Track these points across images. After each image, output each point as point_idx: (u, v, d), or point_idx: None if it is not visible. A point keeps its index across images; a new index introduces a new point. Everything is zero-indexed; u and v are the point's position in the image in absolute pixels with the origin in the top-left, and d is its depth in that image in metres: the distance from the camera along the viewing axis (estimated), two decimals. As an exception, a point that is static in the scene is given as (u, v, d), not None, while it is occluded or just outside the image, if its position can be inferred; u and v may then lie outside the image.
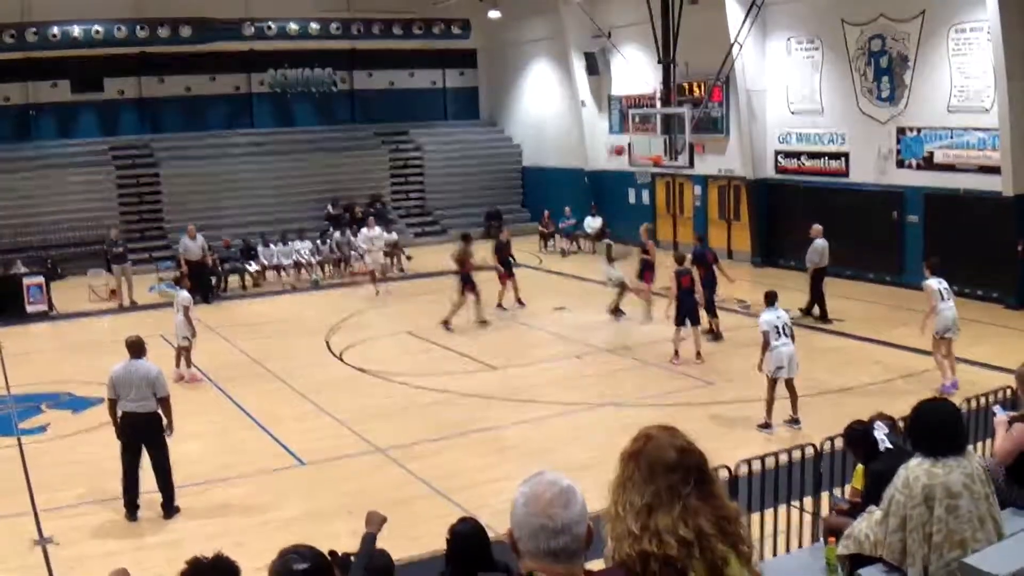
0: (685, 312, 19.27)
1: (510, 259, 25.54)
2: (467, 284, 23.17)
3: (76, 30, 33.89)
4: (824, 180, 27.67)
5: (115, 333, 23.71)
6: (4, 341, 22.78)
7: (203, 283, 27.26)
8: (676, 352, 19.28)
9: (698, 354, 19.17)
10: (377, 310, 26.05)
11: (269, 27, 36.74)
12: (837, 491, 9.29)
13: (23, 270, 27.36)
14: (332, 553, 6.93)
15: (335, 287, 29.77)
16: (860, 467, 7.99)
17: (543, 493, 3.25)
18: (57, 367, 20.72)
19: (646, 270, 23.16)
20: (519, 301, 24.98)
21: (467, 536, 6.57)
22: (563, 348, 21.09)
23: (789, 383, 14.90)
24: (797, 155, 28.55)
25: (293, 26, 37.19)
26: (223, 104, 38.69)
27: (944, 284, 16.74)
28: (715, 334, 20.76)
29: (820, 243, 22.24)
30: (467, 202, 39.39)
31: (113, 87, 36.88)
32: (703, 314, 20.21)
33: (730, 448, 9.91)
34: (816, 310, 22.28)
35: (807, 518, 9.98)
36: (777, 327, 14.94)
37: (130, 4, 34.47)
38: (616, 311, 23.19)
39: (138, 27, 34.60)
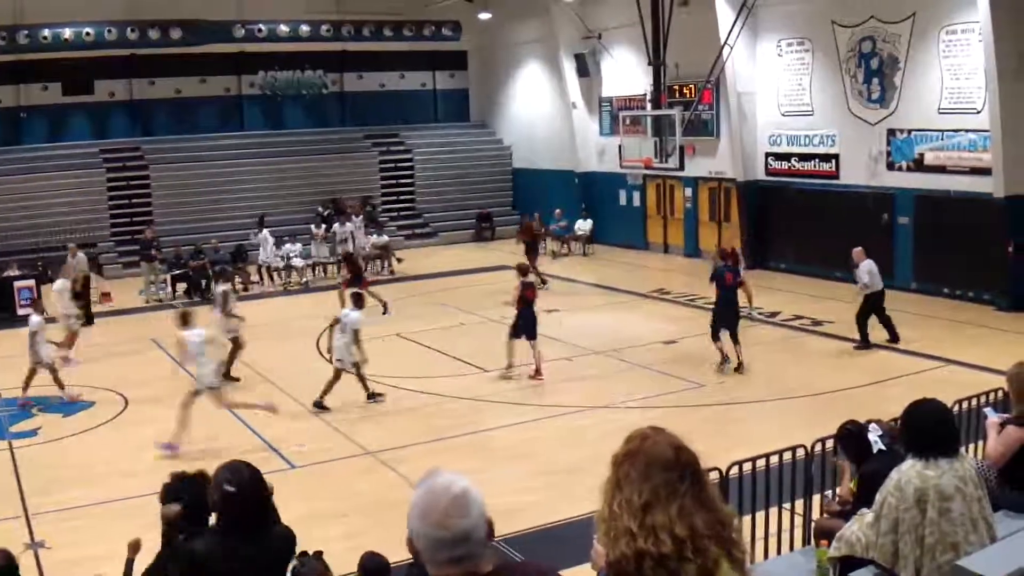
0: (525, 327, 18.91)
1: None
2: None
3: (67, 32, 33.85)
4: (815, 182, 27.69)
5: (105, 336, 23.83)
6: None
7: (194, 285, 27.28)
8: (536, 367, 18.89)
9: (537, 371, 18.81)
10: (368, 312, 25.94)
11: (260, 29, 36.72)
12: (828, 493, 9.27)
13: (15, 272, 27.27)
14: (318, 553, 6.95)
15: (326, 289, 29.66)
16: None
17: (437, 502, 3.16)
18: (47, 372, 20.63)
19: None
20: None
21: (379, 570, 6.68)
22: (553, 350, 21.04)
23: None
24: (787, 157, 28.57)
25: (283, 28, 37.18)
26: (213, 106, 38.63)
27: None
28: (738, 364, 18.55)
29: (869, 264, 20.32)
30: (457, 204, 39.42)
31: (104, 89, 36.82)
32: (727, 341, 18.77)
33: (721, 451, 9.88)
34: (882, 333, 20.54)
35: (798, 520, 9.98)
36: None
37: (121, 6, 34.39)
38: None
39: (129, 29, 34.57)
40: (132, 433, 15.87)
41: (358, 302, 18.12)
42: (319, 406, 17.12)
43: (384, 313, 24.07)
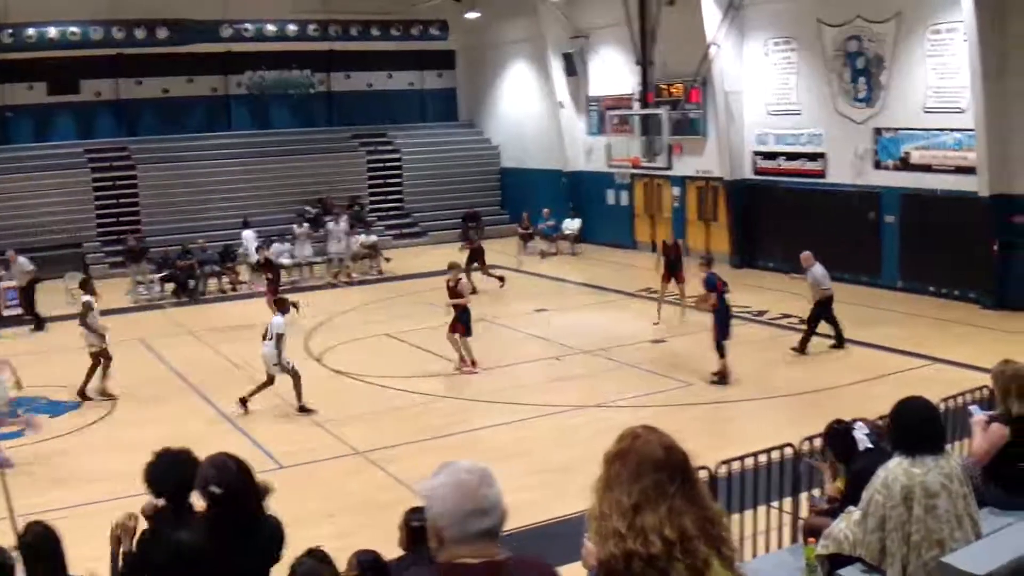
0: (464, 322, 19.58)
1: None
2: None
3: (52, 31, 33.71)
4: (802, 181, 27.73)
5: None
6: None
7: (182, 285, 27.32)
8: (470, 360, 19.55)
9: (470, 360, 19.52)
10: (357, 312, 25.98)
11: (246, 29, 36.63)
12: (816, 492, 9.31)
13: (1, 272, 27.21)
14: (321, 553, 6.97)
15: (315, 289, 29.67)
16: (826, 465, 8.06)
17: (467, 479, 3.39)
18: (34, 371, 20.55)
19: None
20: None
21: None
22: (543, 350, 21.10)
23: None
24: (775, 156, 28.61)
25: (270, 28, 37.10)
26: (201, 106, 38.57)
27: None
28: (722, 376, 17.93)
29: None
30: (446, 204, 39.33)
31: (90, 89, 36.71)
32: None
33: (710, 449, 9.90)
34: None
35: (786, 518, 10.02)
36: None
37: (106, 5, 34.26)
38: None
39: (115, 28, 34.45)
40: (121, 433, 15.87)
41: (281, 307, 18.31)
42: (304, 410, 17.11)
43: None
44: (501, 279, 27.89)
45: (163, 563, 5.55)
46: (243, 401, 17.15)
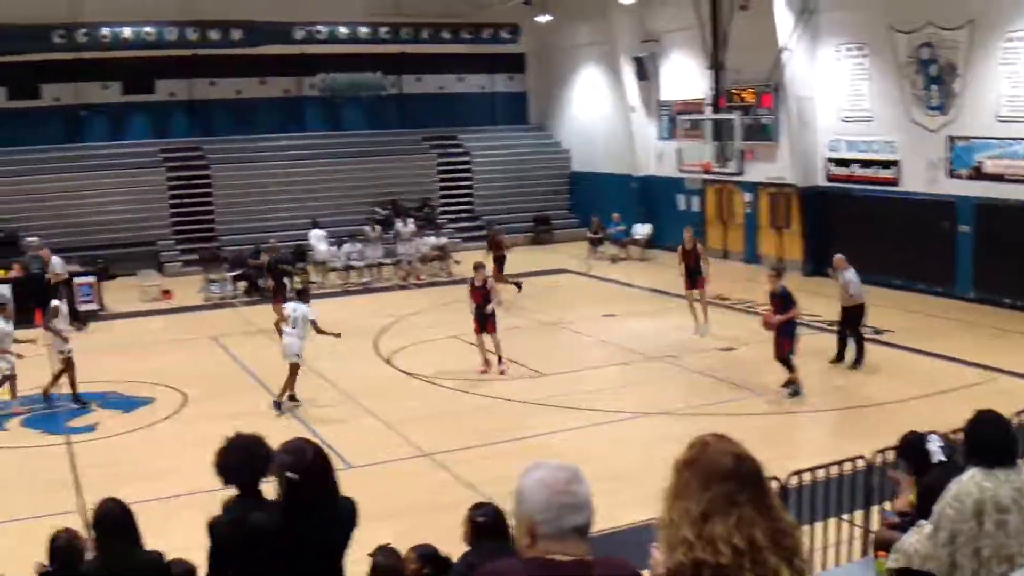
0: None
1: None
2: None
3: (127, 31, 34.14)
4: (875, 189, 27.37)
5: (165, 333, 24.09)
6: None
7: (255, 284, 27.65)
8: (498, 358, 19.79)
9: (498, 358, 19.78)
10: (426, 314, 26.05)
11: (319, 31, 36.90)
12: (887, 505, 9.18)
13: (75, 269, 27.64)
14: (385, 547, 6.97)
15: (385, 290, 29.83)
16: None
17: (558, 475, 3.47)
18: (107, 367, 20.90)
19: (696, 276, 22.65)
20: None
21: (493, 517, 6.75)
22: (610, 355, 21.02)
23: None
24: (848, 163, 28.27)
25: (343, 30, 37.33)
26: (273, 107, 38.95)
27: None
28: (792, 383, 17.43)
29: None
30: (515, 207, 39.41)
31: (164, 89, 37.25)
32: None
33: (778, 460, 9.79)
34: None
35: (857, 531, 9.89)
36: None
37: (181, 6, 34.70)
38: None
39: (189, 29, 34.86)
40: (191, 429, 16.00)
41: (303, 297, 18.76)
42: (278, 406, 17.37)
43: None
44: (518, 284, 27.51)
45: (240, 546, 5.57)
46: (279, 404, 17.42)
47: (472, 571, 6.61)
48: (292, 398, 17.66)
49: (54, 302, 18.94)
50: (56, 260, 26.02)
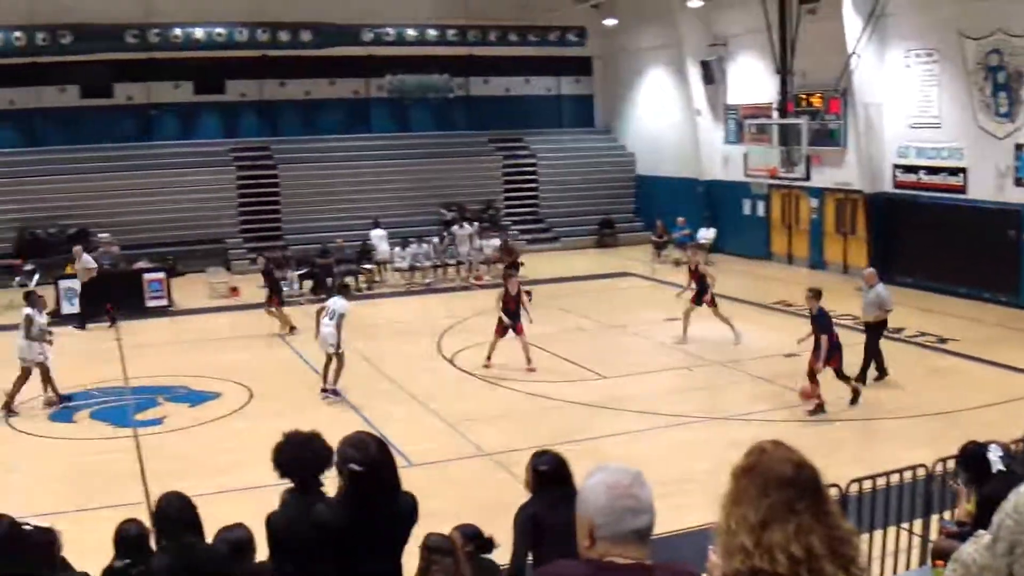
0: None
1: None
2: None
3: (199, 32, 34.66)
4: (942, 196, 27.04)
5: (232, 330, 24.38)
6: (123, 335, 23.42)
7: (321, 282, 27.96)
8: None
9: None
10: (489, 315, 26.14)
11: (387, 33, 37.21)
12: (947, 515, 9.16)
13: (145, 265, 28.12)
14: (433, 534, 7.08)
15: (449, 290, 30.00)
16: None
17: (621, 479, 3.48)
18: (175, 361, 21.23)
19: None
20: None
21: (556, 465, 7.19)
22: (673, 359, 21.00)
23: None
24: (915, 169, 27.98)
25: (411, 32, 37.61)
26: (341, 108, 39.32)
27: None
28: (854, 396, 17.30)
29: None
30: (580, 210, 39.42)
31: (235, 89, 37.73)
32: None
33: (839, 467, 9.78)
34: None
35: (916, 540, 9.86)
36: None
37: (251, 8, 35.15)
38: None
39: (259, 31, 35.32)
40: (256, 424, 16.17)
41: (344, 292, 19.91)
42: (332, 392, 18.23)
43: (291, 330, 24.07)
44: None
45: (301, 540, 5.65)
46: (326, 390, 18.22)
47: (534, 519, 6.80)
48: (334, 392, 18.29)
49: (27, 310, 18.16)
50: (87, 258, 26.08)
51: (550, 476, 7.13)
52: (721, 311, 22.26)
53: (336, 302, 18.65)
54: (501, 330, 20.40)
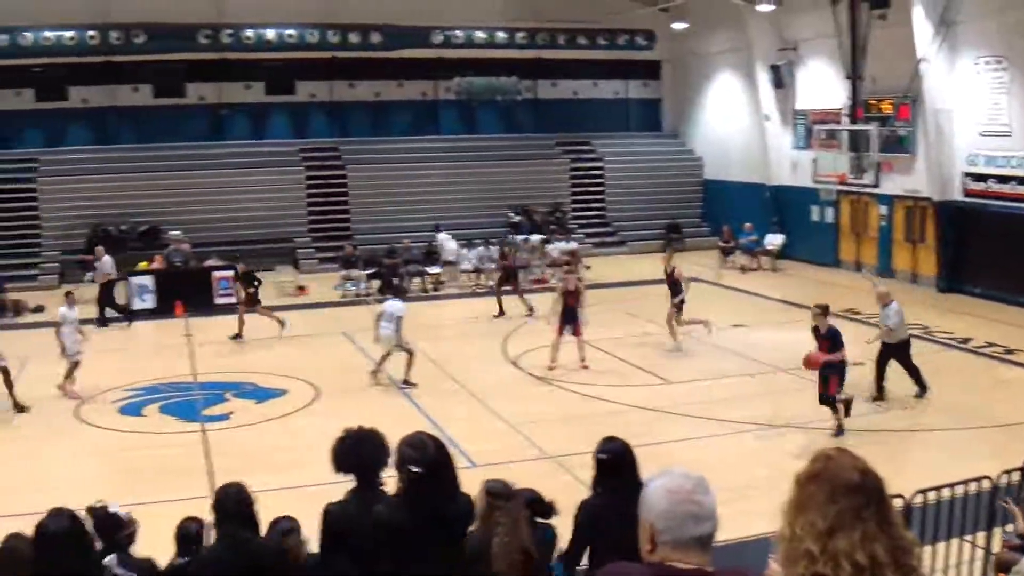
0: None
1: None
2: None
3: (270, 33, 35.17)
4: (1012, 205, 26.63)
5: (299, 328, 24.62)
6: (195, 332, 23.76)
7: (388, 282, 28.23)
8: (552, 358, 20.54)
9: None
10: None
11: (456, 35, 37.47)
12: (1010, 527, 9.10)
13: (215, 263, 28.52)
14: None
15: (513, 293, 30.04)
16: None
17: (683, 484, 3.47)
18: (242, 358, 21.53)
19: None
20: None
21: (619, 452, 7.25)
22: (739, 365, 20.92)
23: None
24: (985, 178, 27.61)
25: (480, 34, 37.82)
26: (410, 109, 39.58)
27: None
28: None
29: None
30: (646, 214, 39.32)
31: (305, 90, 38.11)
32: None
33: (902, 477, 9.75)
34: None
35: (979, 553, 9.80)
36: None
37: (322, 10, 35.54)
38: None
39: (330, 32, 35.74)
40: (321, 422, 16.28)
41: (398, 293, 21.01)
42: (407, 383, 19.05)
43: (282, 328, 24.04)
44: (531, 309, 26.25)
45: (361, 536, 5.72)
46: (406, 382, 18.99)
47: (591, 515, 6.81)
48: (406, 382, 19.06)
49: (61, 310, 19.23)
50: (108, 259, 26.21)
51: (608, 465, 7.14)
52: (684, 319, 22.36)
53: (392, 305, 19.32)
54: (561, 329, 20.53)
